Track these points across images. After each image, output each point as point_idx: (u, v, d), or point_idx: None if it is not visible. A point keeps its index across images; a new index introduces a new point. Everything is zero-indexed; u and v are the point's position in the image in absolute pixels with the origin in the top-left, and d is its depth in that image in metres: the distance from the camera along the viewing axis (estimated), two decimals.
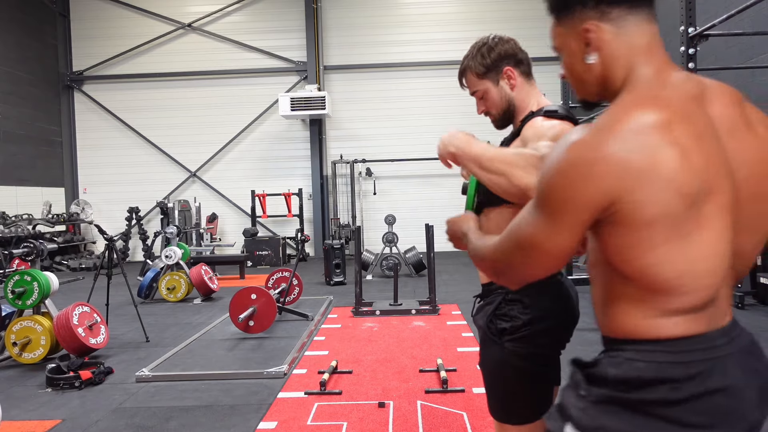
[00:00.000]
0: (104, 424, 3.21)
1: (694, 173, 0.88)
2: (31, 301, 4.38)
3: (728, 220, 0.93)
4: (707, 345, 0.94)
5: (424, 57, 12.20)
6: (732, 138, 0.97)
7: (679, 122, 0.89)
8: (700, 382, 0.91)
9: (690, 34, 3.90)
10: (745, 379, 0.93)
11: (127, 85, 12.53)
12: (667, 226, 0.89)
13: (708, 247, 0.91)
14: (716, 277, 0.93)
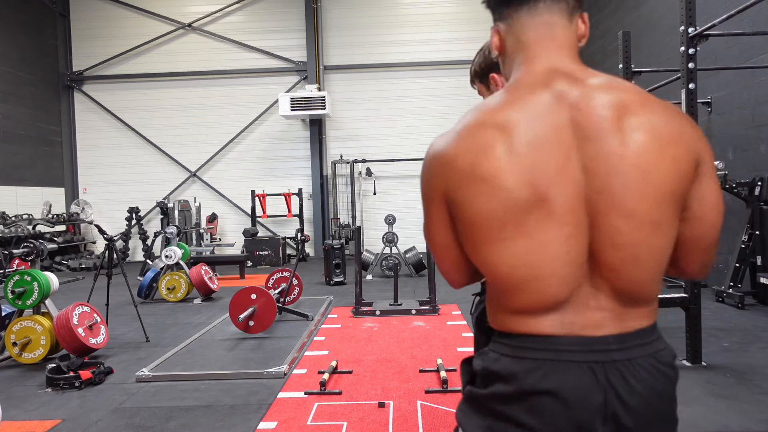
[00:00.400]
0: (104, 424, 3.21)
1: (517, 178, 0.89)
2: (31, 301, 4.38)
3: (566, 230, 0.91)
4: (549, 346, 0.94)
5: (424, 57, 12.20)
6: (598, 145, 0.91)
7: (514, 127, 0.91)
8: (531, 379, 0.93)
9: (690, 34, 3.90)
10: (586, 391, 0.91)
11: (128, 85, 12.53)
12: (486, 226, 0.92)
13: (531, 253, 0.91)
14: (548, 282, 0.92)
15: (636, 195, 0.90)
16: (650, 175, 0.90)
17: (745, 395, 3.32)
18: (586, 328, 0.94)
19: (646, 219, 0.92)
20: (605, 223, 0.92)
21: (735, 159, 6.22)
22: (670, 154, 0.92)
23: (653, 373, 0.95)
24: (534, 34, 1.00)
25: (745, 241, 5.75)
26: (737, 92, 6.24)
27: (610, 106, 0.92)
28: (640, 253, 0.93)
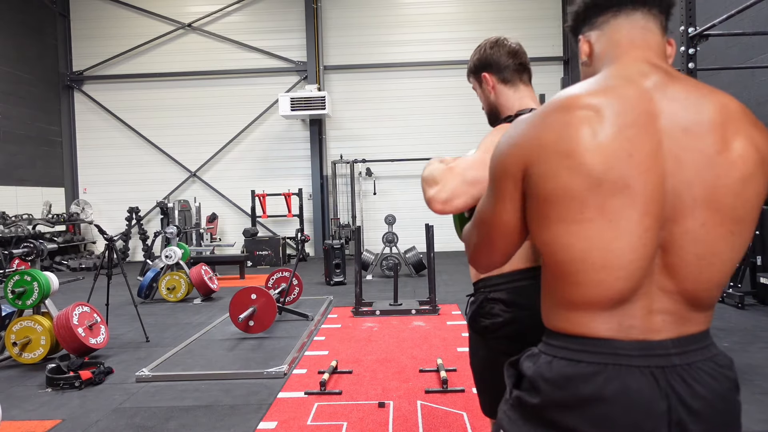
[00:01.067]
0: (104, 424, 3.21)
1: (603, 158, 0.88)
2: (31, 301, 4.38)
3: (646, 221, 0.89)
4: (608, 350, 0.92)
5: (424, 57, 12.20)
6: (696, 139, 0.91)
7: (604, 110, 0.90)
8: (591, 385, 0.90)
9: (690, 34, 3.90)
10: (649, 397, 0.89)
11: (127, 85, 12.53)
12: (564, 205, 0.90)
13: (607, 240, 0.89)
14: (616, 275, 0.90)
15: (728, 192, 0.90)
16: (746, 179, 0.91)
17: (745, 395, 3.31)
18: (645, 332, 0.92)
19: (732, 218, 0.91)
20: (689, 216, 0.90)
21: None
22: (764, 168, 0.93)
23: (715, 376, 0.93)
24: (630, 35, 1.02)
25: None
26: (737, 92, 6.24)
27: (711, 106, 0.93)
28: (718, 252, 0.91)
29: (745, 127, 0.93)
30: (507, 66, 1.62)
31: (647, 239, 0.90)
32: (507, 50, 1.62)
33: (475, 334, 1.59)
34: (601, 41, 1.05)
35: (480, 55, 1.64)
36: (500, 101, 1.63)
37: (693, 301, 0.94)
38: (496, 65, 1.62)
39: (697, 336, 0.95)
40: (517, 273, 1.50)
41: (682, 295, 0.93)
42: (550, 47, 12.04)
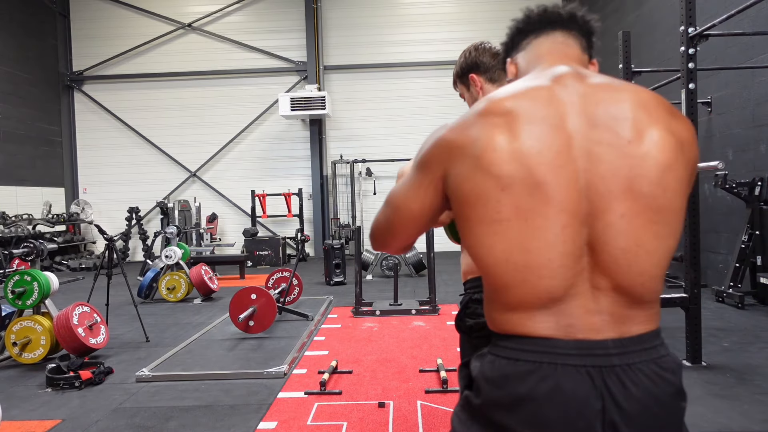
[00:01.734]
0: (104, 424, 3.21)
1: (514, 159, 0.90)
2: (31, 301, 4.38)
3: (563, 218, 0.90)
4: (546, 349, 0.92)
5: (424, 57, 12.20)
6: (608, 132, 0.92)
7: (516, 112, 0.93)
8: (526, 384, 0.91)
9: (690, 34, 3.90)
10: (583, 397, 0.89)
11: (127, 85, 12.53)
12: (481, 206, 0.92)
13: (526, 240, 0.90)
14: (539, 273, 0.90)
15: (644, 182, 0.90)
16: (664, 167, 0.91)
17: (745, 395, 3.32)
18: (584, 331, 0.92)
19: (652, 207, 0.91)
20: (608, 209, 0.90)
21: (735, 159, 6.22)
22: (685, 156, 0.95)
23: (654, 379, 0.92)
24: (549, 48, 1.11)
25: (745, 241, 5.75)
26: (737, 92, 6.24)
27: (623, 99, 0.95)
28: (643, 242, 0.91)
29: (660, 116, 0.94)
30: (493, 66, 1.67)
31: (566, 236, 0.90)
32: (491, 52, 1.68)
33: (461, 333, 1.62)
34: (525, 58, 1.13)
35: (465, 59, 1.70)
36: None
37: (631, 297, 0.93)
38: (483, 66, 1.67)
39: (642, 336, 0.94)
40: None
41: (618, 291, 0.92)
42: None
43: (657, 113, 0.94)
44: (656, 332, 0.97)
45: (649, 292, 0.94)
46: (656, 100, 0.97)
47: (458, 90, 1.77)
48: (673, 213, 0.93)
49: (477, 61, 1.67)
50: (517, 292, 0.93)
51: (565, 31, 1.11)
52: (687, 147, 0.95)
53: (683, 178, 0.94)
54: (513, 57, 1.17)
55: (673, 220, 0.94)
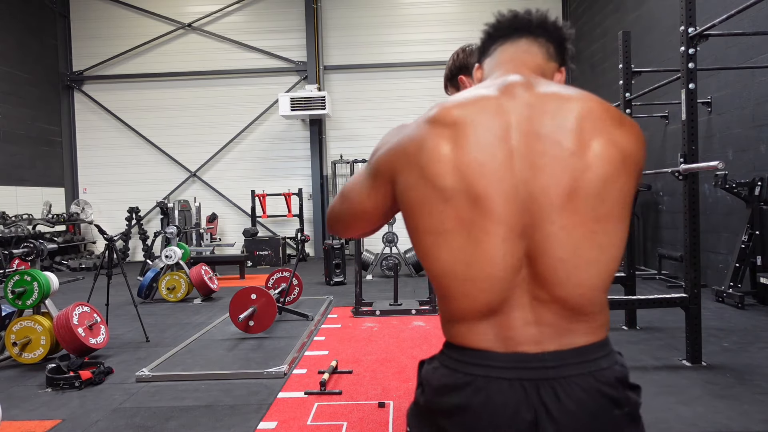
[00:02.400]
0: (104, 424, 3.22)
1: (456, 170, 0.91)
2: (31, 301, 4.38)
3: (502, 231, 0.90)
4: (483, 361, 0.94)
5: (424, 57, 12.20)
6: (550, 144, 0.92)
7: (462, 123, 0.94)
8: (461, 395, 0.93)
9: (690, 34, 3.90)
10: (514, 409, 0.90)
11: (128, 85, 12.53)
12: (427, 216, 0.93)
13: (467, 252, 0.91)
14: (480, 286, 0.92)
15: (586, 194, 0.90)
16: (606, 179, 0.91)
17: (745, 395, 3.32)
18: (523, 344, 0.93)
19: (592, 218, 0.91)
20: (548, 221, 0.90)
21: (735, 159, 6.22)
22: (628, 167, 0.94)
23: (589, 392, 0.91)
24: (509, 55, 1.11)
25: (745, 241, 5.75)
26: (737, 92, 6.24)
27: (570, 110, 0.94)
28: (582, 253, 0.91)
29: (604, 128, 0.94)
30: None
31: (506, 249, 0.91)
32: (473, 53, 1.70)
33: None
34: (490, 64, 1.14)
35: (454, 61, 1.72)
36: None
37: (571, 309, 0.93)
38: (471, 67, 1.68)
39: (583, 349, 0.94)
40: None
41: (558, 303, 0.93)
42: None
43: (602, 124, 0.94)
44: (600, 344, 0.97)
45: (589, 303, 0.94)
46: (603, 110, 0.96)
47: (449, 93, 1.78)
48: (615, 224, 0.93)
49: (466, 63, 1.69)
50: (460, 305, 0.94)
51: (531, 39, 1.11)
52: (631, 158, 0.95)
53: (625, 189, 0.94)
54: (481, 62, 1.18)
55: (615, 230, 0.93)
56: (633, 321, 5.01)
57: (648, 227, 8.55)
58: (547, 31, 1.11)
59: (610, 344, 0.99)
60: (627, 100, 5.15)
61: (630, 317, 5.02)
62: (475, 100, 0.97)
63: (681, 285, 6.21)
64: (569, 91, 0.98)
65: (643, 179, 8.21)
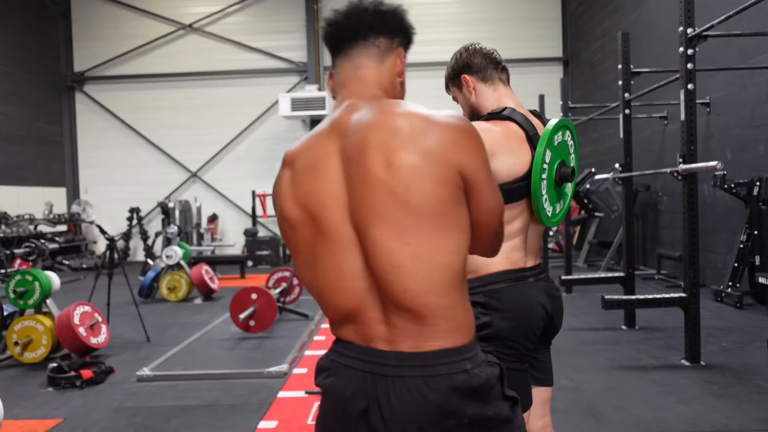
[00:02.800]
0: (105, 423, 3.23)
1: (296, 201, 1.05)
2: (33, 301, 4.40)
3: (335, 248, 1.01)
4: (344, 351, 1.05)
5: (424, 57, 12.16)
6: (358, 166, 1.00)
7: (299, 156, 1.08)
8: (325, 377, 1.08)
9: (689, 34, 3.91)
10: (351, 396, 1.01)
11: (128, 85, 12.55)
12: (288, 241, 1.10)
13: (316, 268, 1.04)
14: (332, 296, 1.03)
15: (394, 208, 0.97)
16: (408, 190, 0.96)
17: (744, 395, 3.33)
18: (375, 340, 1.01)
19: (401, 231, 0.97)
20: (371, 236, 0.98)
21: (733, 159, 6.23)
22: (429, 171, 0.97)
23: (414, 395, 0.96)
24: (345, 75, 1.15)
25: (743, 241, 5.76)
26: (736, 93, 6.25)
27: (376, 130, 1.00)
28: (400, 263, 0.98)
29: (409, 139, 0.98)
30: (485, 66, 1.67)
31: (340, 260, 1.01)
32: (482, 53, 1.69)
33: None
34: (336, 80, 1.18)
35: (457, 60, 1.70)
36: (480, 101, 1.67)
37: (410, 314, 0.99)
38: (475, 66, 1.68)
39: (431, 353, 0.99)
40: (493, 276, 1.52)
41: (398, 307, 0.99)
42: (550, 47, 12.03)
43: (408, 136, 0.98)
44: (450, 351, 1.00)
45: (424, 308, 0.99)
46: (408, 123, 1.00)
47: (451, 93, 1.78)
48: (432, 234, 0.98)
49: (469, 62, 1.68)
50: (326, 309, 1.07)
51: (361, 47, 1.13)
52: (438, 159, 0.98)
53: (441, 197, 0.97)
54: (332, 74, 1.20)
55: (434, 240, 0.98)
56: (632, 321, 5.02)
57: (647, 227, 8.56)
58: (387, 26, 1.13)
59: (466, 352, 1.01)
60: (626, 101, 5.17)
61: (629, 317, 5.03)
62: (310, 139, 1.09)
63: (680, 285, 6.22)
64: (379, 112, 1.03)
65: (641, 179, 8.22)
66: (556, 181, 1.57)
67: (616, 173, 5.95)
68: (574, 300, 6.27)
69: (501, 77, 1.69)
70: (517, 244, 1.55)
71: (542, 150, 1.50)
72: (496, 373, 1.04)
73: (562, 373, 3.58)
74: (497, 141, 1.49)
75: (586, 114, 8.65)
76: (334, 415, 1.05)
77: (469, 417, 0.98)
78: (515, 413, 1.06)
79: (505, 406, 1.04)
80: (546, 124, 1.59)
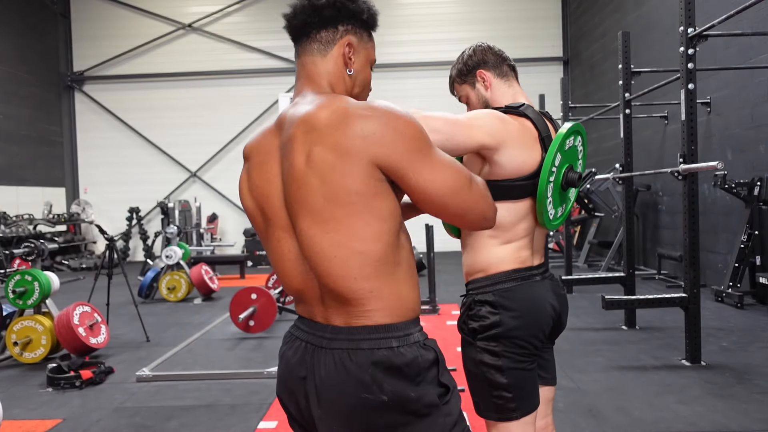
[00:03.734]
0: (105, 423, 3.22)
1: (249, 193, 1.17)
2: (32, 301, 4.40)
3: (278, 233, 1.12)
4: (298, 324, 1.18)
5: (424, 57, 12.22)
6: (288, 159, 1.07)
7: (253, 151, 1.17)
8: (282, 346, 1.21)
9: (689, 34, 3.91)
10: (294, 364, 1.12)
11: (128, 85, 12.55)
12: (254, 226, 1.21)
13: (271, 252, 1.16)
14: (283, 276, 1.15)
15: (315, 199, 1.04)
16: (324, 183, 1.02)
17: (745, 395, 3.32)
18: (317, 315, 1.12)
19: (320, 220, 1.04)
20: (298, 225, 1.08)
21: (734, 159, 6.23)
22: (341, 165, 1.02)
23: (337, 365, 1.05)
24: (297, 73, 1.21)
25: (744, 241, 5.75)
26: (736, 93, 6.25)
27: (299, 125, 1.06)
28: (321, 250, 1.06)
29: (324, 133, 1.03)
30: (499, 62, 1.68)
31: (284, 246, 1.12)
32: (493, 50, 1.70)
33: (464, 336, 1.63)
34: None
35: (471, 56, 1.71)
36: (495, 96, 1.66)
37: (335, 293, 1.07)
38: (490, 62, 1.68)
39: (358, 328, 1.07)
40: (502, 275, 1.52)
41: (326, 288, 1.08)
42: (550, 47, 12.04)
43: (323, 131, 1.03)
44: (378, 327, 1.06)
45: (347, 291, 1.06)
46: (326, 117, 1.04)
47: (458, 93, 1.75)
48: (345, 222, 1.04)
49: (484, 58, 1.68)
50: (284, 288, 1.19)
51: (305, 44, 1.18)
52: (353, 153, 1.01)
53: (353, 187, 1.02)
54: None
55: (343, 228, 1.04)
56: (632, 321, 5.02)
57: (647, 227, 8.56)
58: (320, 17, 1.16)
59: (395, 330, 1.08)
60: (626, 101, 5.16)
61: (629, 317, 5.03)
62: (261, 135, 1.17)
63: (680, 285, 6.22)
64: (305, 107, 1.09)
65: (641, 179, 8.22)
66: (561, 185, 1.56)
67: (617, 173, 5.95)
68: (574, 300, 6.26)
69: (514, 75, 1.69)
70: (525, 243, 1.56)
71: (553, 152, 1.48)
72: (428, 357, 1.08)
73: (562, 373, 3.57)
74: (511, 134, 1.47)
75: (586, 114, 8.64)
76: (283, 380, 1.15)
77: (387, 394, 1.02)
78: (445, 401, 1.08)
79: (433, 392, 1.06)
80: (557, 128, 1.58)
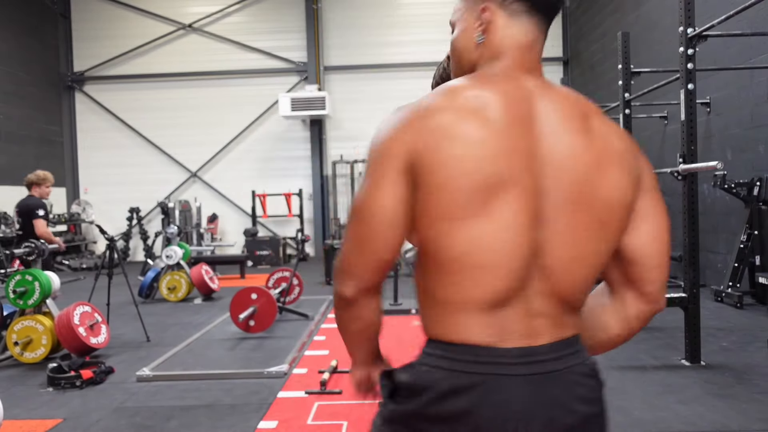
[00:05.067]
0: (105, 423, 3.23)
1: (489, 153, 0.86)
2: (33, 301, 4.40)
3: (522, 219, 0.86)
4: (488, 359, 0.88)
5: (424, 57, 12.19)
6: (564, 139, 0.90)
7: (489, 105, 0.88)
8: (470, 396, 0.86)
9: (689, 34, 3.91)
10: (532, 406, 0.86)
11: (128, 85, 12.55)
12: (447, 200, 0.86)
13: (488, 238, 0.86)
14: (496, 274, 0.87)
15: (592, 193, 0.89)
16: (607, 176, 0.90)
17: (744, 395, 3.33)
18: (524, 337, 0.89)
19: (597, 221, 0.90)
20: (559, 217, 0.88)
21: (734, 159, 6.23)
22: (622, 165, 0.92)
23: (586, 380, 0.92)
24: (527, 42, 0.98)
25: (743, 241, 5.76)
26: (736, 93, 6.25)
27: (574, 107, 0.93)
28: (586, 254, 0.90)
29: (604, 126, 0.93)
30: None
31: (524, 238, 0.87)
32: None
33: None
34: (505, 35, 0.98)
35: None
36: None
37: (567, 304, 0.92)
38: None
39: (570, 340, 0.93)
40: None
41: (557, 296, 0.90)
42: (550, 47, 12.02)
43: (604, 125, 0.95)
44: (579, 336, 0.96)
45: (580, 298, 0.95)
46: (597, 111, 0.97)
47: None
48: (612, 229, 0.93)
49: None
50: (465, 290, 0.90)
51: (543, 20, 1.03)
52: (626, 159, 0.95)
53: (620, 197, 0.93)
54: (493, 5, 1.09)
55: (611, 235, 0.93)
56: None
57: None
58: None
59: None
60: (626, 101, 5.17)
61: None
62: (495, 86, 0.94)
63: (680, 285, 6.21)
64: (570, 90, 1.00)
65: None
66: None
67: None
68: None
69: None
70: None
71: None
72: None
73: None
74: None
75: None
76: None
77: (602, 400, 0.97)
78: None
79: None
80: None
